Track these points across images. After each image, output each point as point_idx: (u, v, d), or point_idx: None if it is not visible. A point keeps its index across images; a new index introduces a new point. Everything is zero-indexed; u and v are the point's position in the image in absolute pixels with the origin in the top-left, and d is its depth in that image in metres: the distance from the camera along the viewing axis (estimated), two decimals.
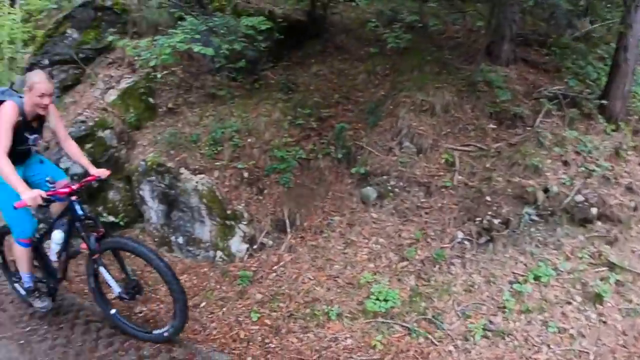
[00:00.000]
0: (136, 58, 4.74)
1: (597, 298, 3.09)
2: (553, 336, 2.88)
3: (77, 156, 3.14)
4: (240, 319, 2.98)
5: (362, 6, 6.61)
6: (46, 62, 4.99)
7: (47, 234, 3.11)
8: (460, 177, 3.84)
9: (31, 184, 2.90)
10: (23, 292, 3.30)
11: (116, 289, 2.84)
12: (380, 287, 3.08)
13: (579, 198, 3.63)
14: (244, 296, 3.25)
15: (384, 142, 4.26)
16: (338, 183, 4.32)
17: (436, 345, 2.78)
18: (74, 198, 2.82)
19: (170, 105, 5.31)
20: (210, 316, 3.05)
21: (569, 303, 3.09)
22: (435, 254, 3.34)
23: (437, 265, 3.30)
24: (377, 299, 2.99)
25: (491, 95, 4.32)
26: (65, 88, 5.08)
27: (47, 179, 2.91)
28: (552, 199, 3.57)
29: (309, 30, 6.48)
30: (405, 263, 3.37)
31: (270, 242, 3.93)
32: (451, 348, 2.76)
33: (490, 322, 2.91)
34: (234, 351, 2.65)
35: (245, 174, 4.26)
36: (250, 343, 2.73)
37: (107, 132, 4.44)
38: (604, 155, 3.97)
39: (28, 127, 2.95)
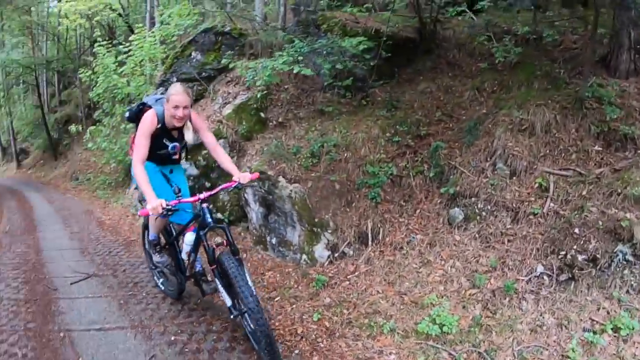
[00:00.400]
0: (245, 78, 5.43)
1: None
2: None
3: (225, 163, 3.17)
4: (304, 317, 3.32)
5: (476, 20, 6.44)
6: (174, 79, 6.08)
7: (181, 234, 3.30)
8: (552, 205, 3.52)
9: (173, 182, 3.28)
10: (160, 282, 3.89)
11: (228, 301, 2.85)
12: (440, 311, 3.07)
13: None
14: (314, 298, 3.60)
15: (477, 162, 4.16)
16: (427, 202, 4.37)
17: None
18: (204, 205, 2.89)
19: (280, 119, 5.99)
20: (279, 310, 3.48)
21: None
22: (506, 285, 3.18)
23: (508, 297, 3.13)
24: (434, 322, 3.01)
25: (600, 113, 3.86)
26: None
27: (174, 188, 3.15)
28: None
29: (420, 47, 6.57)
30: (475, 290, 3.28)
31: (351, 252, 4.20)
32: None
33: None
34: (286, 342, 3.00)
35: (337, 186, 4.60)
36: (303, 339, 3.04)
37: (221, 141, 5.24)
38: None
39: (167, 135, 3.14)
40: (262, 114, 5.94)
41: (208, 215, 2.88)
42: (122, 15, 13.93)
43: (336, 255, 4.21)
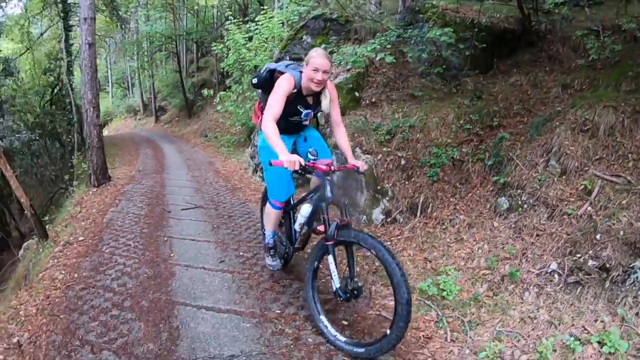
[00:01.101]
0: (335, 63, 6.20)
1: None
2: None
3: (342, 143, 3.24)
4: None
5: (589, 12, 6.33)
6: (287, 58, 7.09)
7: (299, 204, 3.39)
8: (589, 208, 3.60)
9: (297, 154, 3.25)
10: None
11: (336, 283, 2.81)
12: (448, 279, 3.58)
13: None
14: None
15: (533, 157, 4.41)
16: (480, 188, 4.78)
17: (447, 341, 3.01)
18: (328, 178, 2.89)
19: (373, 99, 6.73)
20: None
21: None
22: (511, 272, 3.50)
23: (513, 284, 3.44)
24: (436, 285, 3.54)
25: None
26: None
27: (310, 150, 3.05)
28: None
29: (523, 38, 6.70)
30: (487, 272, 3.67)
31: (401, 219, 4.89)
32: (455, 351, 2.91)
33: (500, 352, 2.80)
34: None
35: (403, 161, 5.26)
36: None
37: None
38: None
39: (302, 101, 3.13)
40: (356, 93, 6.75)
41: (329, 189, 2.87)
42: None
43: (389, 220, 4.94)
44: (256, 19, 10.56)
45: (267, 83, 3.18)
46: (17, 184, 5.84)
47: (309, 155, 3.00)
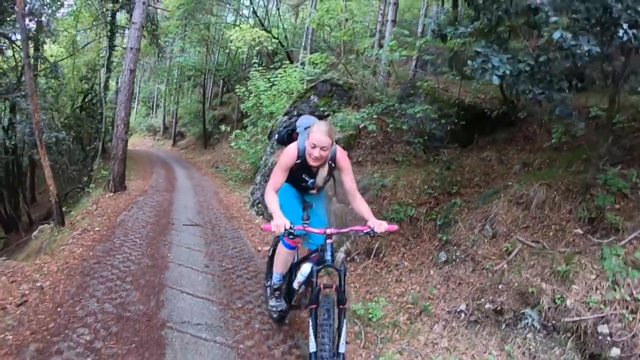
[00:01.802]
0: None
1: None
2: None
3: (361, 208, 3.20)
4: None
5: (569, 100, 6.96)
6: (295, 113, 8.43)
7: (301, 262, 3.39)
8: (505, 266, 4.50)
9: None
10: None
11: (312, 347, 2.79)
12: (377, 306, 4.59)
13: (604, 330, 3.39)
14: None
15: (473, 221, 5.41)
16: (428, 242, 5.85)
17: (360, 348, 3.89)
18: (329, 241, 2.93)
19: (360, 159, 7.97)
20: None
21: None
22: (425, 306, 4.50)
23: (428, 317, 4.40)
24: (365, 308, 4.53)
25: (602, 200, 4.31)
26: None
27: (302, 216, 3.18)
28: (559, 312, 3.62)
29: (503, 118, 7.44)
30: (412, 306, 4.66)
31: (357, 260, 5.95)
32: (363, 354, 3.92)
33: None
34: None
35: None
36: None
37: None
38: None
39: (307, 171, 3.18)
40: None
41: (329, 253, 2.89)
42: (282, 44, 17.51)
43: (348, 258, 6.03)
44: (277, 72, 12.13)
45: (286, 141, 3.41)
46: (51, 173, 7.03)
47: (302, 220, 3.12)
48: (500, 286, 4.23)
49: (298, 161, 3.08)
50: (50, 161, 7.20)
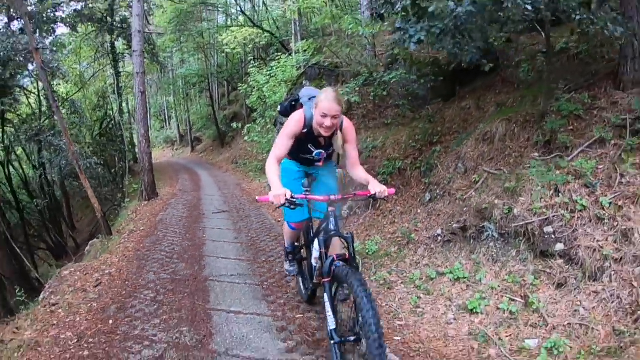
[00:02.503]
0: None
1: (472, 312, 3.86)
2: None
3: (361, 175, 3.12)
4: None
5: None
6: None
7: (315, 237, 3.20)
8: (473, 193, 5.54)
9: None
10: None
11: (331, 324, 2.65)
12: (372, 243, 5.77)
13: (549, 229, 4.00)
14: None
15: (449, 162, 6.46)
16: (416, 188, 6.92)
17: None
18: (331, 209, 2.84)
19: None
20: None
21: (447, 309, 4.05)
22: (405, 233, 5.62)
23: (413, 244, 5.46)
24: (364, 246, 5.71)
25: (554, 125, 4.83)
26: None
27: (303, 182, 3.11)
28: (509, 221, 4.30)
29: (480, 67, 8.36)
30: (401, 238, 5.76)
31: (359, 212, 7.15)
32: None
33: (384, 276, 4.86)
34: None
35: None
36: None
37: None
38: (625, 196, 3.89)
39: (313, 141, 3.09)
40: None
41: (333, 221, 2.82)
42: (274, 35, 18.55)
43: (351, 213, 7.21)
44: (271, 64, 13.22)
45: (289, 113, 3.25)
46: (93, 193, 8.47)
47: (303, 187, 3.07)
48: (464, 209, 5.21)
49: (304, 130, 3.01)
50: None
